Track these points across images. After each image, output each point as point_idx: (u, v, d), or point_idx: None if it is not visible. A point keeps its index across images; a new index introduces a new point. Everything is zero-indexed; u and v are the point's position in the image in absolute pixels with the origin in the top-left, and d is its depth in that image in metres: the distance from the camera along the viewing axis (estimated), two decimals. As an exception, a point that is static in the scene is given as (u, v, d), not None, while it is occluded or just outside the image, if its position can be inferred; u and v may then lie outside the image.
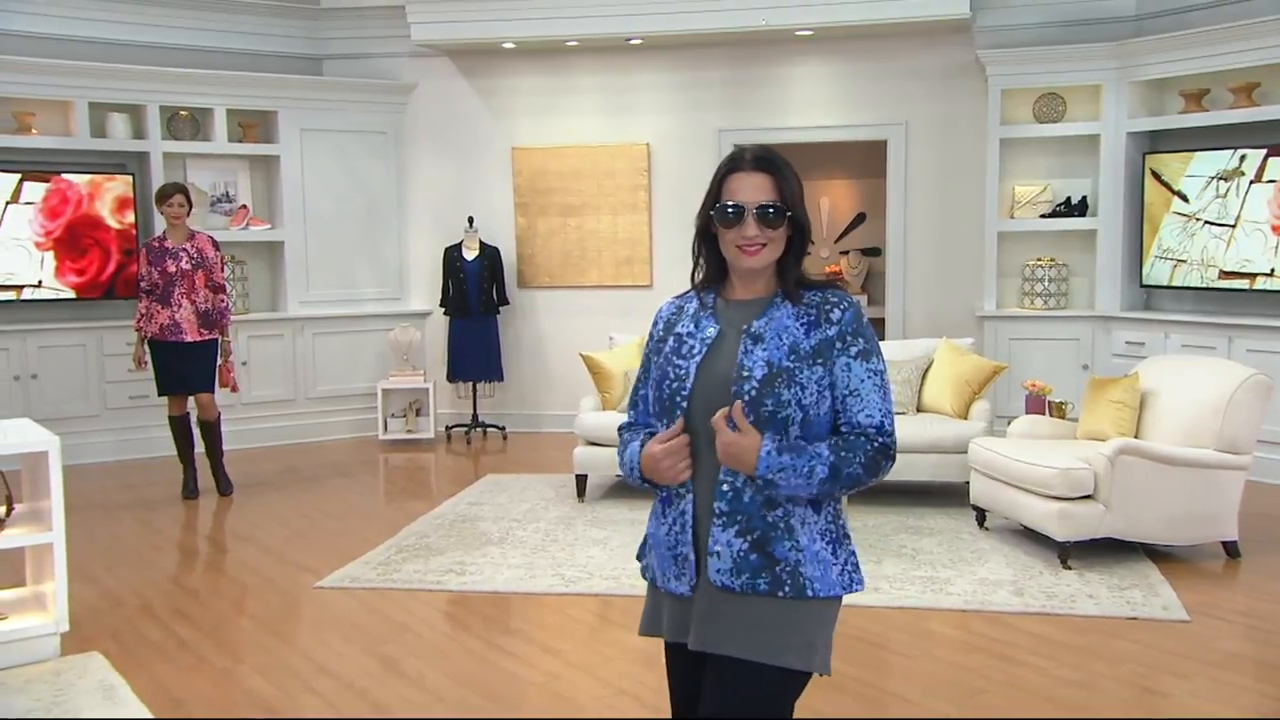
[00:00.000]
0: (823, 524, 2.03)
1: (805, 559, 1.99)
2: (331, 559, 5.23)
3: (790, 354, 1.98)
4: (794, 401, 1.96)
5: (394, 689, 3.73)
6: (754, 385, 1.96)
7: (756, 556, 1.97)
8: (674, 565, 2.06)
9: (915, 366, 6.47)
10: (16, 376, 7.42)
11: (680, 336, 2.10)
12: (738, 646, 1.98)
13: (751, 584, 1.97)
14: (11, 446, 3.95)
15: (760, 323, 2.02)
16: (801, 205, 2.06)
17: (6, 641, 3.88)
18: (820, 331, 2.01)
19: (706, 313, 2.10)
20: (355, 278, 8.58)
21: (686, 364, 2.04)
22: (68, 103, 7.62)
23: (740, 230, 2.01)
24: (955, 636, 4.25)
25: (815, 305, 2.03)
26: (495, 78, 8.54)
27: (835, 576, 2.03)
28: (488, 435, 8.46)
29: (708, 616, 2.00)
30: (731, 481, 1.97)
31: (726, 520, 1.98)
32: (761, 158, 2.05)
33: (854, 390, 2.01)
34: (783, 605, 1.98)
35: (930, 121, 8.05)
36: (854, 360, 2.01)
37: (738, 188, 2.03)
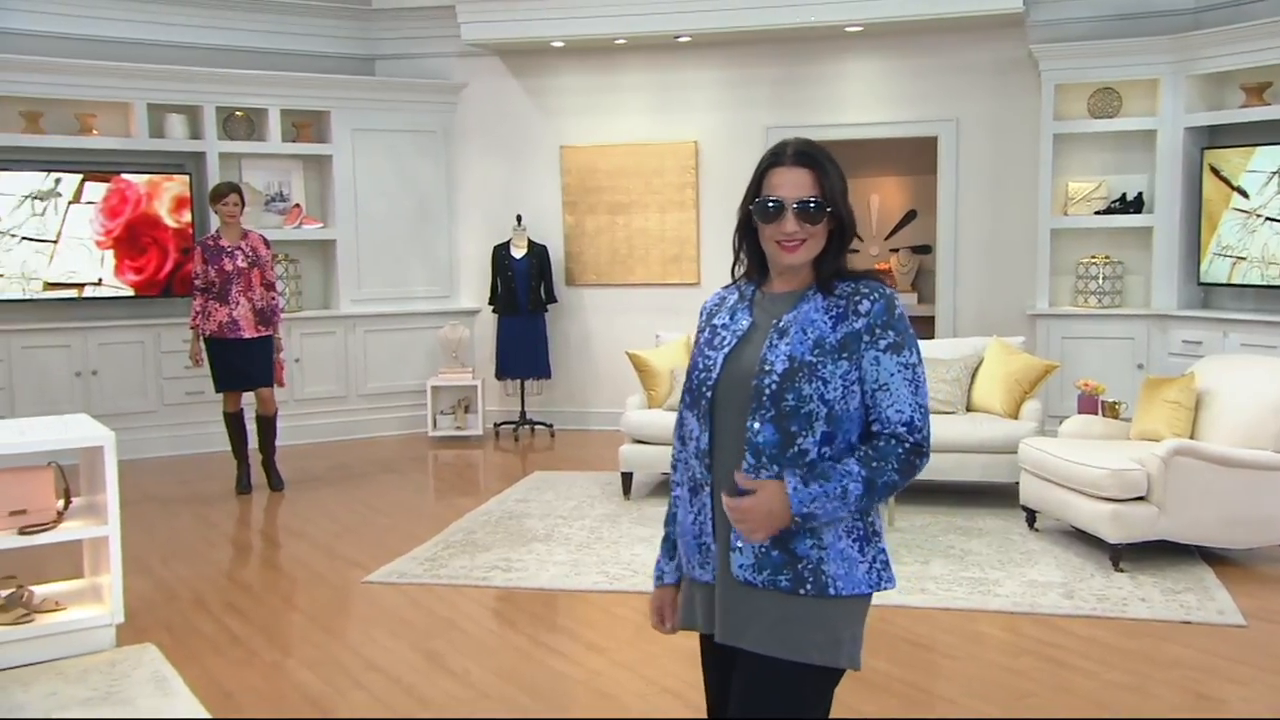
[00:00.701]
0: (849, 521, 1.99)
1: (828, 557, 1.96)
2: (380, 554, 5.29)
3: (814, 348, 1.95)
4: (816, 396, 1.93)
5: (440, 685, 3.76)
6: (774, 379, 1.94)
7: (778, 553, 1.95)
8: (698, 554, 2.07)
9: (965, 365, 6.40)
10: (78, 373, 7.58)
11: (715, 328, 2.10)
12: (760, 642, 1.97)
13: (773, 580, 1.96)
14: (69, 441, 4.04)
15: (789, 316, 2.00)
16: (844, 200, 2.02)
17: (64, 632, 3.97)
18: (847, 324, 1.97)
19: (744, 305, 2.09)
20: (406, 276, 8.67)
21: (715, 355, 2.04)
22: (127, 104, 7.77)
23: (780, 225, 1.99)
24: (1003, 639, 4.20)
25: (845, 297, 2.00)
26: (544, 77, 8.58)
27: (862, 574, 1.99)
28: (535, 432, 8.50)
29: (731, 610, 2.00)
30: (753, 478, 1.95)
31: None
32: (803, 152, 2.02)
33: (883, 384, 1.97)
34: (805, 602, 1.96)
35: (982, 117, 7.95)
36: (883, 354, 1.97)
37: (778, 182, 2.01)
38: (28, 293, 7.52)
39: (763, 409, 1.94)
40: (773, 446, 1.94)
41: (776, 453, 1.94)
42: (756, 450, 1.95)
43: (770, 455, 1.94)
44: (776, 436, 1.94)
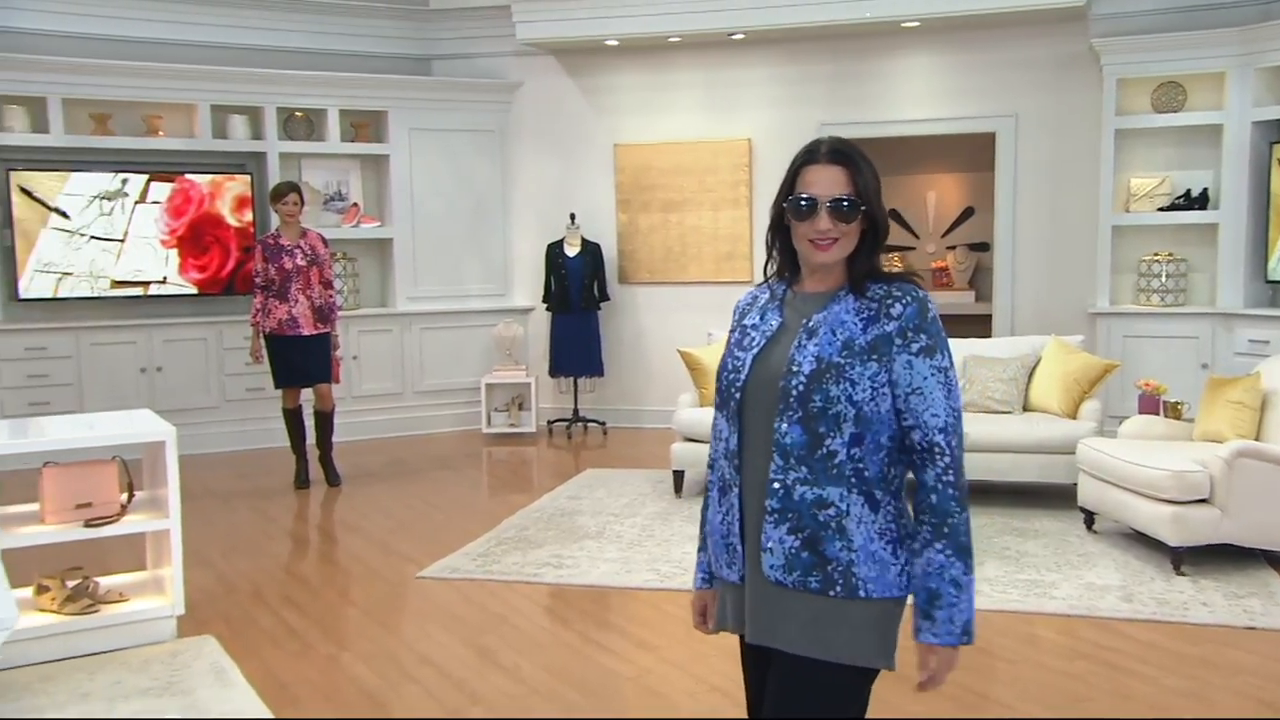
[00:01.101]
0: (881, 524, 1.97)
1: (859, 559, 1.94)
2: (433, 550, 5.35)
3: (843, 349, 1.94)
4: (844, 397, 1.92)
5: (491, 680, 3.80)
6: (802, 380, 1.93)
7: (808, 554, 1.94)
8: (725, 553, 2.07)
9: (1022, 364, 6.31)
10: (143, 369, 7.76)
11: (746, 329, 2.09)
12: (791, 642, 1.97)
13: (803, 581, 1.95)
14: (132, 436, 4.14)
15: (819, 316, 1.99)
16: (877, 199, 2.00)
17: (127, 623, 4.07)
18: (878, 327, 1.95)
19: (775, 305, 2.08)
20: (461, 274, 8.75)
21: (744, 356, 2.04)
22: (192, 106, 7.94)
23: (813, 224, 1.98)
24: (1059, 642, 4.14)
25: (877, 299, 1.98)
26: (598, 75, 8.61)
27: (893, 578, 1.96)
28: (588, 430, 8.54)
29: (762, 610, 2.00)
30: (782, 479, 1.94)
31: (778, 517, 1.95)
32: (837, 150, 2.01)
33: (917, 388, 1.95)
34: (835, 603, 1.94)
35: (1041, 113, 7.83)
36: (915, 357, 1.95)
37: (812, 180, 1.99)
38: (96, 291, 7.72)
39: (790, 410, 1.94)
40: (800, 448, 1.93)
41: (805, 454, 1.93)
42: (784, 451, 1.94)
43: (798, 456, 1.93)
44: (804, 438, 1.93)
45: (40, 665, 3.86)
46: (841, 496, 1.93)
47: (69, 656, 3.93)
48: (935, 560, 1.96)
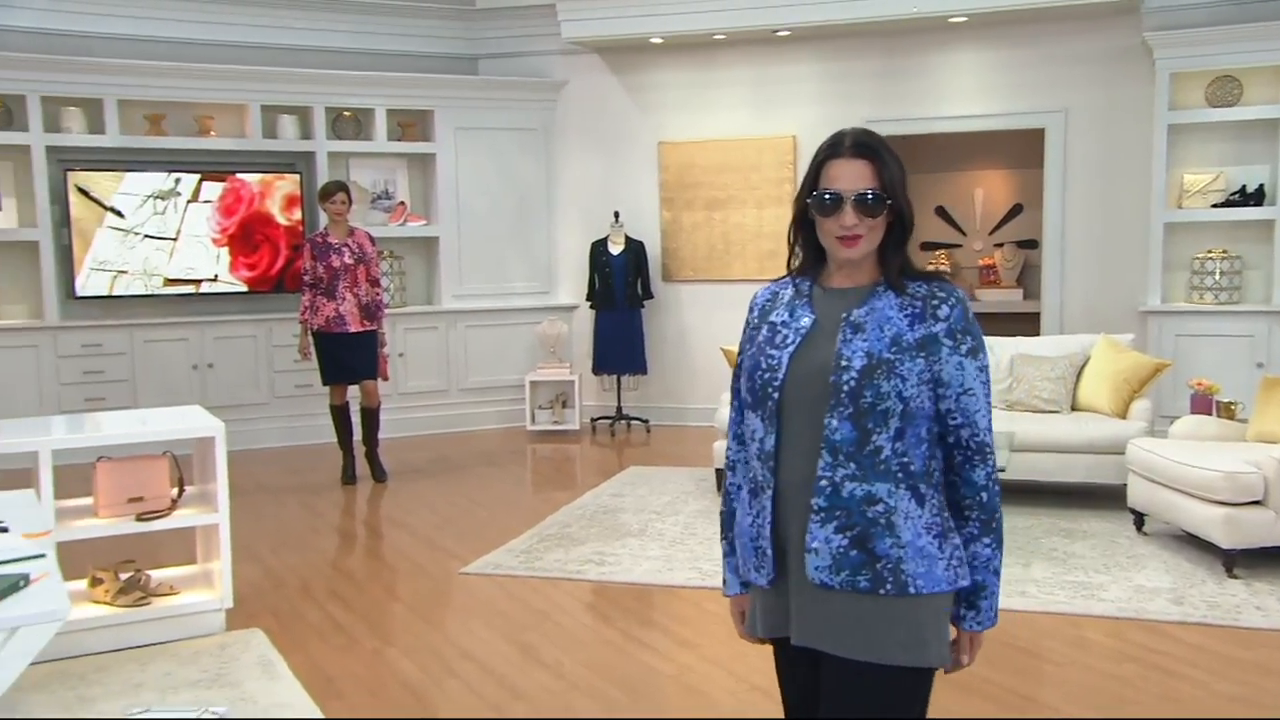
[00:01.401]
0: (927, 518, 1.95)
1: (908, 555, 1.91)
2: (477, 546, 5.39)
3: (892, 345, 1.92)
4: (894, 393, 1.90)
5: (532, 676, 3.82)
6: (853, 376, 1.91)
7: (856, 553, 1.91)
8: (754, 557, 2.03)
9: (1070, 363, 6.23)
10: (195, 365, 7.89)
11: (774, 325, 2.04)
12: (841, 645, 1.94)
13: (851, 581, 1.91)
14: (181, 431, 4.21)
15: (861, 311, 1.97)
16: (903, 191, 1.98)
17: (177, 615, 4.14)
18: (925, 326, 1.94)
19: (802, 301, 2.04)
20: (506, 272, 8.80)
21: (779, 354, 1.99)
22: (243, 106, 8.06)
23: (838, 219, 1.95)
24: (1107, 644, 4.09)
25: (921, 298, 1.97)
26: (643, 73, 8.61)
27: (941, 572, 1.94)
28: (631, 427, 8.55)
29: (807, 613, 1.97)
30: (830, 476, 1.91)
31: (825, 516, 1.92)
32: (862, 143, 1.98)
33: (968, 389, 1.96)
34: (885, 602, 1.92)
35: (1092, 108, 7.72)
36: (965, 358, 1.95)
37: (836, 174, 1.96)
38: (149, 288, 7.86)
39: (841, 406, 1.91)
40: (850, 444, 1.91)
41: (854, 450, 1.91)
42: (834, 448, 1.92)
43: (847, 453, 1.91)
44: (854, 434, 1.91)
45: (94, 656, 3.95)
46: (890, 492, 1.91)
47: (122, 648, 4.01)
48: (982, 554, 2.01)
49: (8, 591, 2.17)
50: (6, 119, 7.47)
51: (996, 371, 6.42)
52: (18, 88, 7.38)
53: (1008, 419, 5.98)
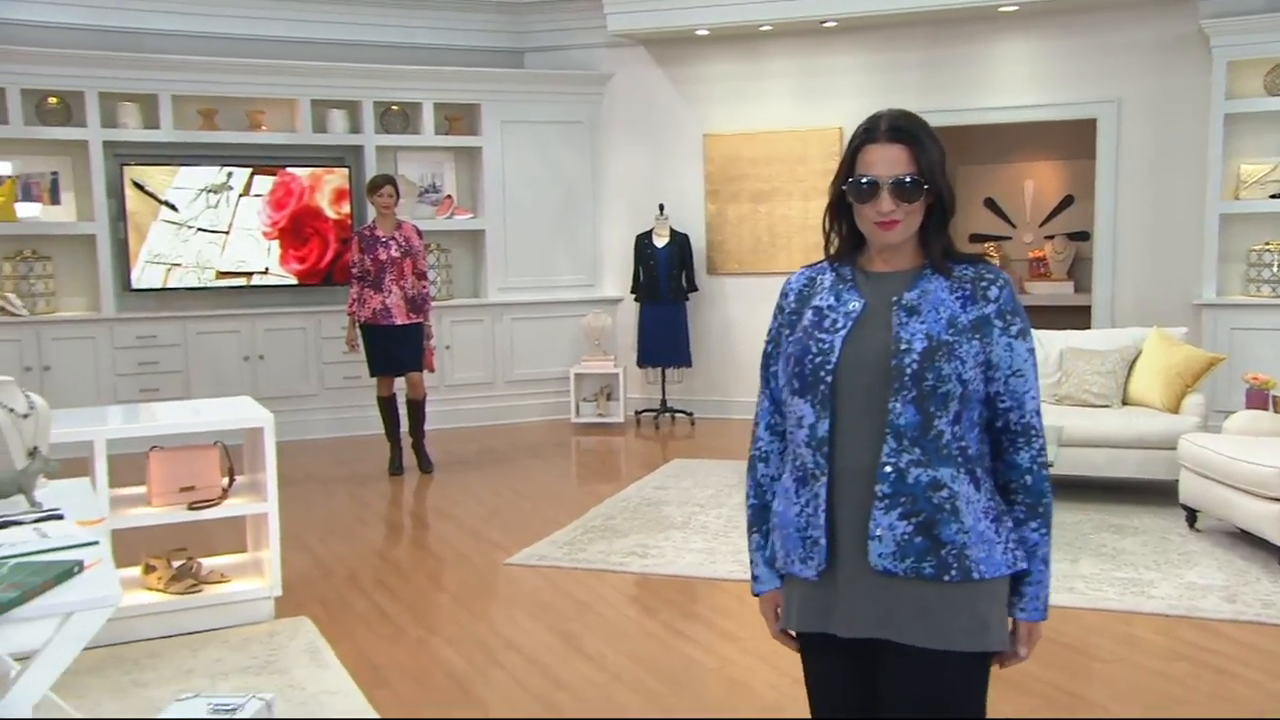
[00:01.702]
0: (984, 502, 1.94)
1: (971, 541, 1.90)
2: (522, 537, 5.42)
3: (949, 327, 1.91)
4: (954, 376, 1.89)
5: (575, 667, 3.84)
6: (915, 359, 1.89)
7: (921, 539, 1.89)
8: (801, 548, 1.98)
9: (1121, 357, 6.14)
10: (246, 357, 8.01)
11: (820, 310, 2.00)
12: (906, 633, 1.91)
13: (916, 568, 1.89)
14: (232, 422, 4.29)
15: (912, 294, 1.95)
16: (942, 174, 1.95)
17: (228, 603, 4.22)
18: (978, 308, 1.94)
19: (846, 285, 2.01)
20: (551, 265, 8.83)
21: (831, 338, 1.96)
22: (293, 100, 8.16)
23: (876, 205, 1.93)
24: (1157, 642, 4.03)
25: (970, 280, 1.96)
26: (689, 65, 8.60)
27: (1000, 556, 1.94)
28: (676, 420, 8.56)
29: (865, 602, 1.93)
30: (895, 462, 1.89)
31: (890, 502, 1.89)
32: (898, 127, 1.95)
33: (1017, 370, 1.95)
34: (949, 588, 1.90)
35: (1145, 98, 7.58)
36: (1015, 340, 1.95)
37: (872, 160, 1.94)
38: (202, 281, 7.99)
39: (905, 389, 1.88)
40: (914, 429, 1.89)
41: (918, 435, 1.89)
42: (898, 433, 1.89)
43: (912, 438, 1.89)
44: (918, 418, 1.89)
45: (148, 642, 4.03)
46: (953, 477, 1.90)
47: (174, 634, 4.09)
48: (1030, 539, 1.98)
49: (62, 577, 2.22)
50: (65, 114, 7.62)
51: (1045, 365, 6.34)
52: (76, 84, 7.53)
53: (1057, 413, 5.91)
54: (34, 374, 7.34)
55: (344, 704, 3.49)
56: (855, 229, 2.02)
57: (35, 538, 2.50)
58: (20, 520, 2.65)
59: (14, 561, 2.30)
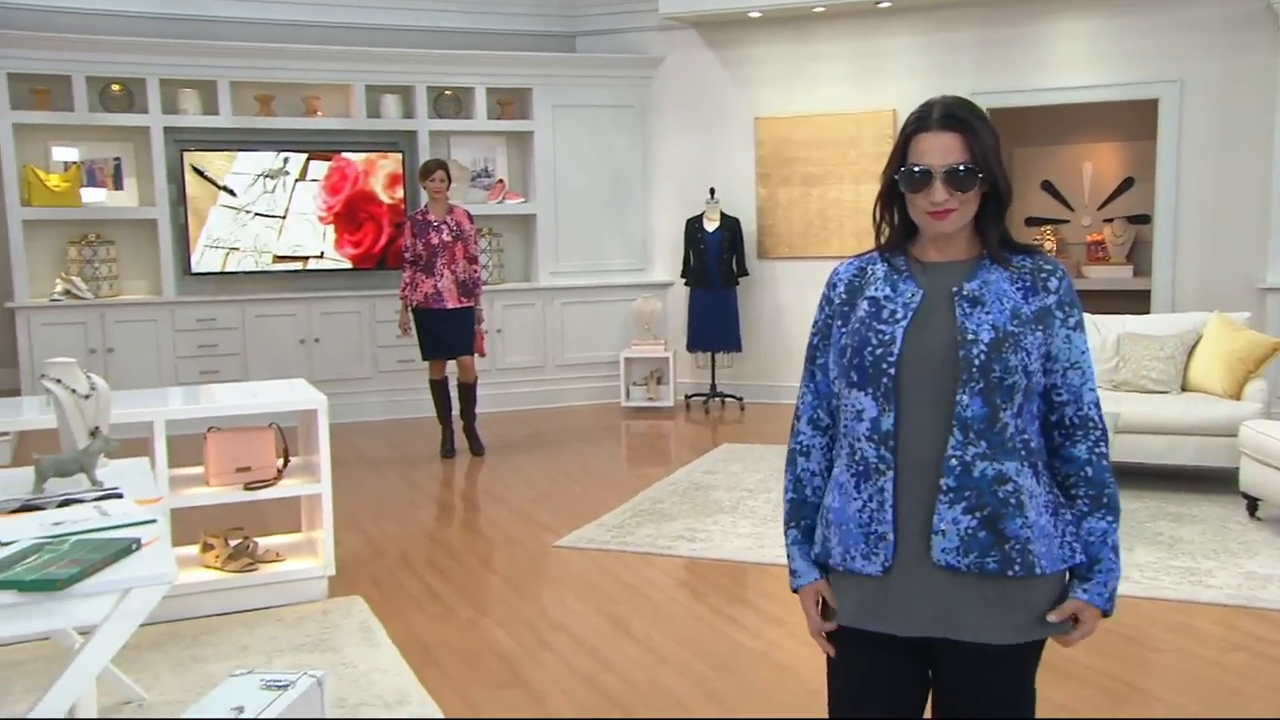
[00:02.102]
0: (1044, 495, 1.92)
1: (1035, 535, 1.88)
2: (571, 520, 5.46)
3: (1013, 318, 1.89)
4: (1020, 367, 1.86)
5: (622, 649, 3.87)
6: (982, 350, 1.86)
7: (986, 534, 1.86)
8: (864, 543, 1.93)
9: (1180, 342, 6.02)
10: (302, 340, 8.13)
11: (877, 301, 1.95)
12: (969, 630, 1.90)
13: (980, 563, 1.87)
14: (286, 404, 4.36)
15: (974, 285, 1.92)
16: (997, 162, 1.92)
17: (283, 581, 4.30)
18: (1040, 299, 1.91)
19: (902, 275, 1.97)
20: (601, 249, 8.85)
21: (891, 329, 1.92)
22: (348, 86, 8.24)
23: (928, 195, 1.90)
24: (1214, 632, 3.97)
25: (1030, 271, 1.94)
26: (740, 48, 8.55)
27: (1058, 549, 1.92)
28: (726, 405, 8.55)
29: (925, 599, 1.90)
30: (960, 455, 1.86)
31: (954, 496, 1.86)
32: (951, 114, 1.91)
33: (1075, 363, 1.94)
34: (1013, 583, 1.89)
35: (1209, 77, 7.40)
36: (1073, 332, 1.93)
37: (925, 149, 1.90)
38: (260, 265, 8.11)
39: (973, 381, 1.86)
40: (981, 421, 1.86)
41: (985, 428, 1.86)
42: (965, 425, 1.86)
43: (978, 430, 1.86)
44: (985, 410, 1.86)
45: (205, 619, 4.12)
46: (1018, 470, 1.88)
47: (230, 611, 4.18)
48: (1098, 528, 1.96)
49: (120, 555, 2.29)
50: (128, 101, 7.77)
51: (1102, 351, 6.24)
52: (138, 71, 7.67)
53: (1113, 399, 5.81)
54: (98, 356, 7.51)
55: (394, 682, 3.55)
56: (907, 218, 1.99)
57: (95, 515, 2.57)
58: (81, 498, 2.73)
59: (75, 538, 2.37)
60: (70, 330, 7.51)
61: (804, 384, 2.11)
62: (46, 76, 7.51)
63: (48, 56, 7.44)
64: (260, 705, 2.26)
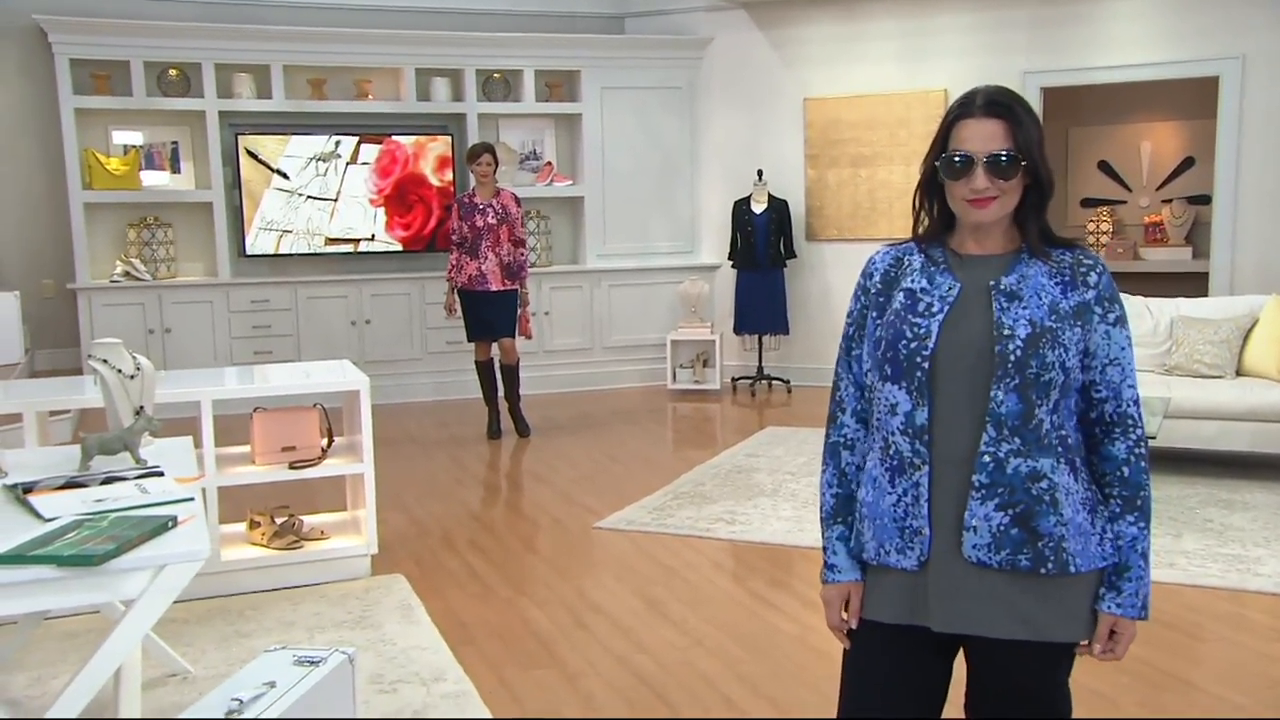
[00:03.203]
0: (1081, 492, 1.90)
1: (1069, 533, 1.86)
2: (612, 501, 5.49)
3: (1051, 314, 1.87)
4: (1058, 364, 1.84)
5: (658, 631, 3.89)
6: (1019, 345, 1.84)
7: (1018, 531, 1.85)
8: (899, 538, 1.93)
9: (1236, 326, 5.89)
10: (353, 321, 8.25)
11: (913, 293, 1.94)
12: (998, 626, 1.88)
13: (1012, 560, 1.86)
14: (330, 385, 4.43)
15: (1011, 279, 1.90)
16: (1040, 153, 1.89)
17: (327, 559, 4.39)
18: (1078, 294, 1.89)
19: (939, 268, 1.96)
20: (649, 231, 8.85)
21: (927, 322, 1.90)
22: (398, 69, 8.32)
23: (969, 182, 1.87)
24: (1261, 621, 3.90)
25: (1069, 265, 1.91)
26: (789, 28, 8.48)
27: (1095, 548, 1.90)
28: (772, 388, 8.52)
29: (957, 595, 1.89)
30: (993, 451, 1.84)
31: (986, 493, 1.85)
32: (995, 101, 1.90)
33: (1114, 359, 1.91)
34: (1046, 581, 1.87)
35: (1272, 53, 7.20)
36: (1113, 328, 1.91)
37: (967, 135, 1.88)
38: (312, 247, 8.23)
39: (1008, 377, 1.84)
40: (1015, 418, 1.84)
41: (1019, 424, 1.84)
42: (999, 421, 1.84)
43: (1012, 427, 1.84)
44: (1020, 406, 1.84)
45: (251, 595, 4.22)
46: (1053, 468, 1.86)
47: (276, 588, 4.28)
48: (1127, 533, 1.92)
49: (157, 531, 2.35)
50: (184, 86, 7.91)
51: (1155, 334, 6.14)
52: (194, 55, 7.81)
53: (1164, 384, 5.72)
54: (156, 336, 7.69)
55: (431, 659, 3.61)
56: (946, 210, 1.97)
57: (136, 493, 2.65)
58: (124, 476, 2.81)
59: (114, 515, 2.44)
60: (129, 311, 7.69)
61: (842, 374, 2.09)
62: (106, 62, 7.68)
63: (107, 42, 7.60)
64: (291, 681, 2.30)
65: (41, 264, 7.93)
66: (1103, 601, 1.93)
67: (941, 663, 2.02)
